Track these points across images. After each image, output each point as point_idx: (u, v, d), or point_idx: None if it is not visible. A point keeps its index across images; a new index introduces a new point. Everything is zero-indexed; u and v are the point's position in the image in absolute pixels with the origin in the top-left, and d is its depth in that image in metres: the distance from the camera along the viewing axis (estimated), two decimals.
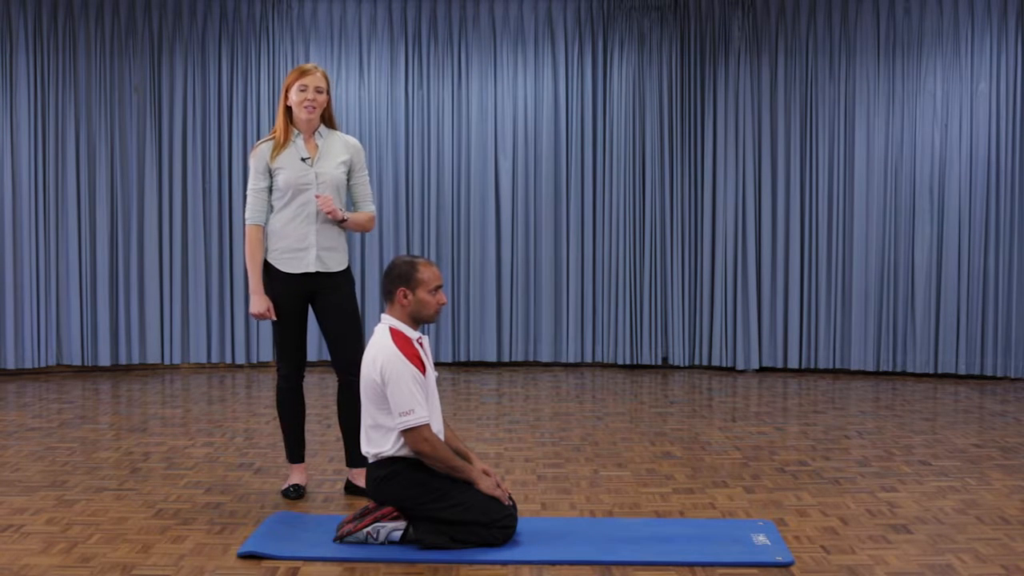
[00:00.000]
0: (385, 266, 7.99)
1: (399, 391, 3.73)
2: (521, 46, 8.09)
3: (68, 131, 7.77)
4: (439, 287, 3.89)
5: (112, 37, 7.84)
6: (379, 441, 3.84)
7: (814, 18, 7.86)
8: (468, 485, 3.82)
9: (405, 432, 3.74)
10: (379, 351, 3.80)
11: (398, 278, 3.86)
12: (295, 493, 4.49)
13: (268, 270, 4.45)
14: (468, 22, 8.08)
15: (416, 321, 3.90)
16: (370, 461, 3.91)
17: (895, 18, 7.75)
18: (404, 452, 3.81)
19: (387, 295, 3.90)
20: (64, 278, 7.80)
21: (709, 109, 7.99)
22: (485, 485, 3.82)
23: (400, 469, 3.81)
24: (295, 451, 4.59)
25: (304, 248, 4.39)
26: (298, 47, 8.04)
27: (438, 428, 3.88)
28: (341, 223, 4.43)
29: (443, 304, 3.91)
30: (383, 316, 3.92)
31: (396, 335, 3.82)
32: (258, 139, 7.95)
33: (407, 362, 3.76)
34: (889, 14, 7.75)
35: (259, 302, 4.41)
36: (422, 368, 3.81)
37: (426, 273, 3.86)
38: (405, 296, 3.85)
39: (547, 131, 8.08)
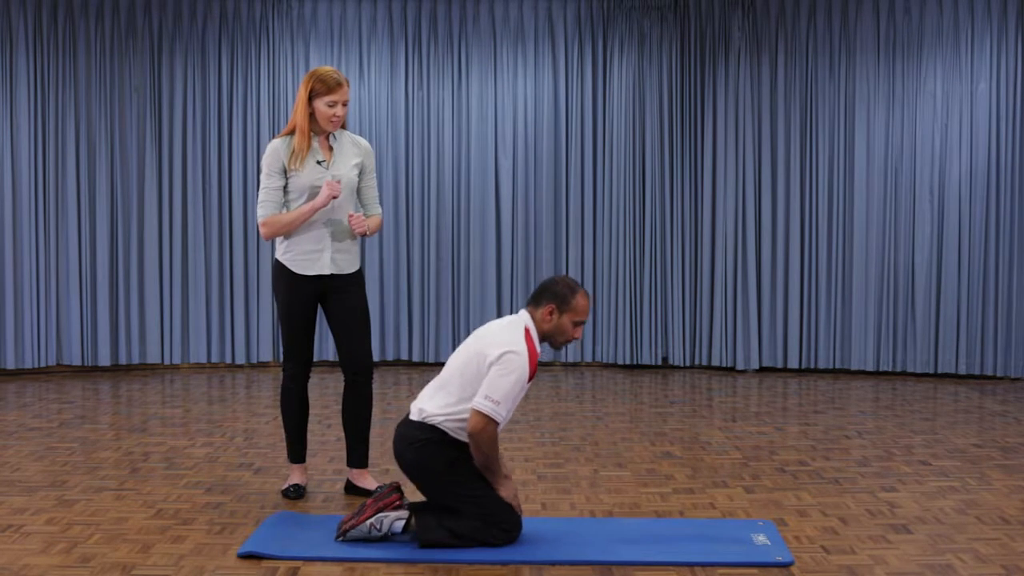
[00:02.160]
0: (380, 265, 8.06)
1: (503, 381, 3.70)
2: (521, 46, 8.09)
3: (68, 131, 7.77)
4: (583, 322, 3.90)
5: (112, 37, 7.84)
6: (441, 402, 3.81)
7: (814, 18, 7.86)
8: (483, 481, 3.82)
9: (478, 413, 3.69)
10: (512, 337, 3.77)
11: (554, 296, 3.85)
12: (295, 493, 4.49)
13: (280, 270, 4.43)
14: (468, 22, 8.08)
15: (543, 338, 3.90)
16: (412, 417, 3.87)
17: (895, 18, 7.75)
18: (452, 425, 3.79)
19: (536, 302, 3.88)
20: (64, 278, 7.80)
21: (709, 109, 7.99)
22: (505, 491, 3.83)
23: (437, 440, 3.80)
24: (296, 451, 4.59)
25: (319, 250, 4.37)
26: (298, 47, 8.04)
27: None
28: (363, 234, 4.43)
29: (576, 339, 3.91)
30: (523, 312, 3.89)
31: (529, 337, 3.82)
32: (259, 138, 7.95)
33: (527, 367, 3.75)
34: (889, 14, 7.76)
35: (324, 191, 4.27)
36: (531, 378, 3.81)
37: (581, 303, 3.86)
38: (551, 313, 3.84)
39: (547, 131, 8.08)
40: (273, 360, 8.08)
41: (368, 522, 3.82)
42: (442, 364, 8.05)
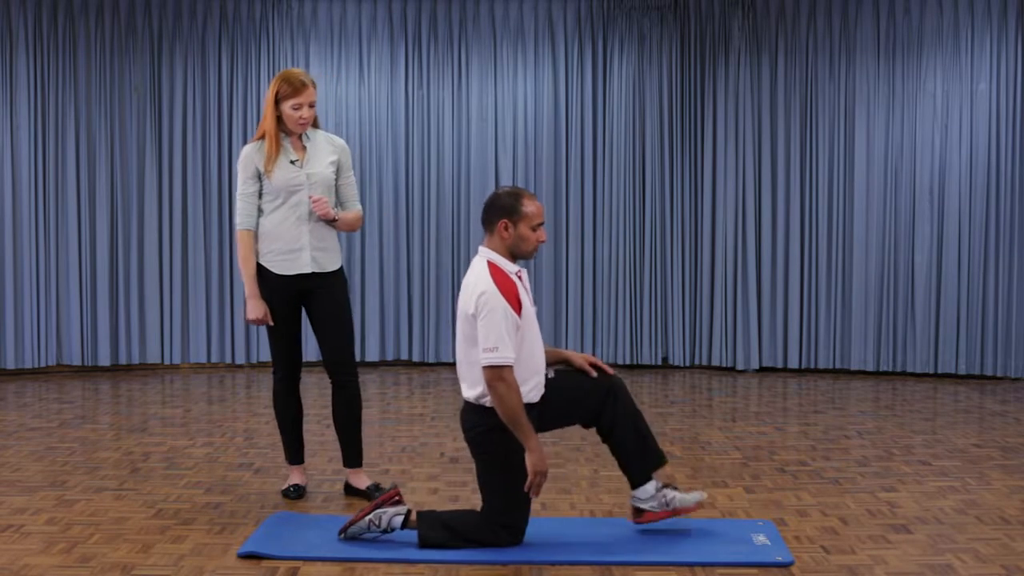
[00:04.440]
0: (380, 265, 8.06)
1: (489, 326, 3.65)
2: (521, 46, 8.09)
3: (68, 131, 7.77)
4: (541, 224, 3.80)
5: (112, 37, 7.84)
6: (479, 379, 3.75)
7: (814, 18, 7.86)
8: (522, 475, 3.73)
9: (486, 368, 3.65)
10: (477, 283, 3.72)
11: (501, 210, 3.78)
12: (295, 493, 4.49)
13: (261, 272, 4.39)
14: (468, 22, 8.08)
15: (513, 256, 3.82)
16: (471, 402, 3.83)
17: (895, 18, 7.75)
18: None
19: (487, 226, 3.82)
20: (64, 278, 7.80)
21: (709, 109, 7.99)
22: (532, 459, 3.67)
23: (498, 422, 3.72)
24: (294, 452, 4.59)
25: (298, 249, 4.34)
26: (298, 47, 8.04)
27: (539, 359, 3.83)
28: (332, 223, 4.39)
29: (542, 242, 3.83)
30: (481, 248, 3.84)
31: (494, 269, 3.75)
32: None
33: (502, 299, 3.67)
34: (889, 14, 7.76)
35: (256, 307, 4.37)
36: (517, 307, 3.72)
37: (530, 207, 3.77)
38: (506, 229, 3.77)
39: (547, 131, 8.08)
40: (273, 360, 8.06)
41: (367, 518, 3.84)
42: (442, 364, 8.12)
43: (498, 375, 3.64)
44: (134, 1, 7.86)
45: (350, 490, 4.56)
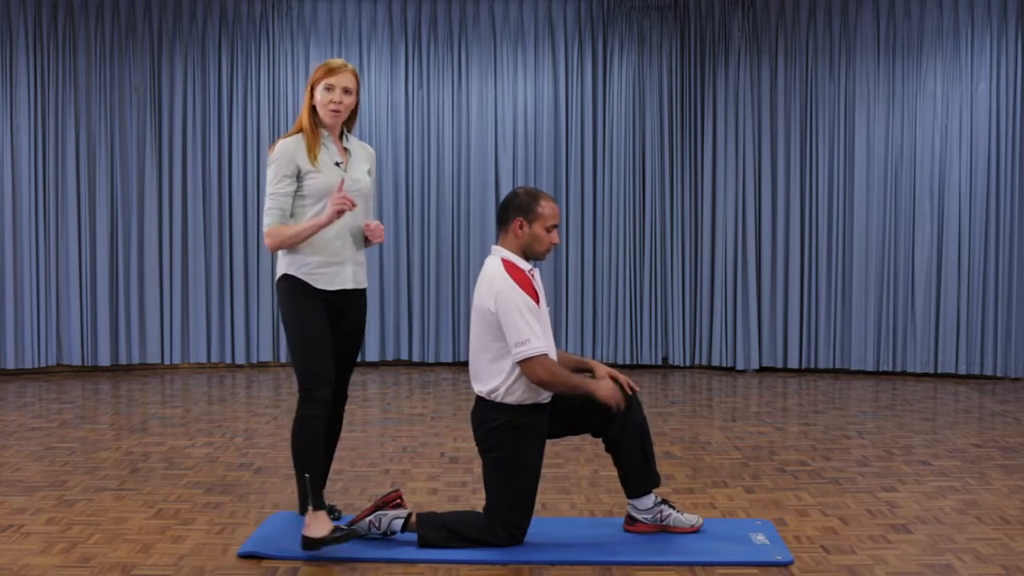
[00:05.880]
0: (380, 265, 8.06)
1: (513, 321, 3.66)
2: (521, 46, 8.09)
3: (68, 131, 7.78)
4: (555, 226, 3.83)
5: (112, 37, 7.84)
6: (494, 374, 3.75)
7: (814, 18, 7.87)
8: (534, 472, 3.77)
9: (522, 363, 3.65)
10: (493, 280, 3.73)
11: (518, 208, 3.79)
12: (340, 530, 3.76)
13: (296, 286, 3.86)
14: (468, 22, 8.08)
15: (526, 255, 3.83)
16: (483, 398, 3.82)
17: (895, 18, 7.75)
18: (515, 395, 3.74)
19: (502, 223, 3.83)
20: (64, 278, 7.81)
21: (709, 109, 8.00)
22: (603, 392, 3.73)
23: (504, 422, 3.74)
24: (320, 495, 3.80)
25: (340, 262, 3.88)
26: (298, 47, 8.05)
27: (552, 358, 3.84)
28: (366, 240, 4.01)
29: (555, 244, 3.85)
30: (494, 248, 3.85)
31: (508, 265, 3.76)
32: (259, 139, 7.95)
33: (520, 291, 3.69)
34: (889, 14, 7.76)
35: (337, 197, 3.74)
36: (536, 297, 3.74)
37: (547, 208, 3.79)
38: (521, 227, 3.78)
39: (547, 131, 8.08)
40: (273, 360, 8.08)
41: (367, 520, 3.84)
42: (442, 364, 8.13)
43: (537, 365, 3.65)
44: (134, 1, 7.86)
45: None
